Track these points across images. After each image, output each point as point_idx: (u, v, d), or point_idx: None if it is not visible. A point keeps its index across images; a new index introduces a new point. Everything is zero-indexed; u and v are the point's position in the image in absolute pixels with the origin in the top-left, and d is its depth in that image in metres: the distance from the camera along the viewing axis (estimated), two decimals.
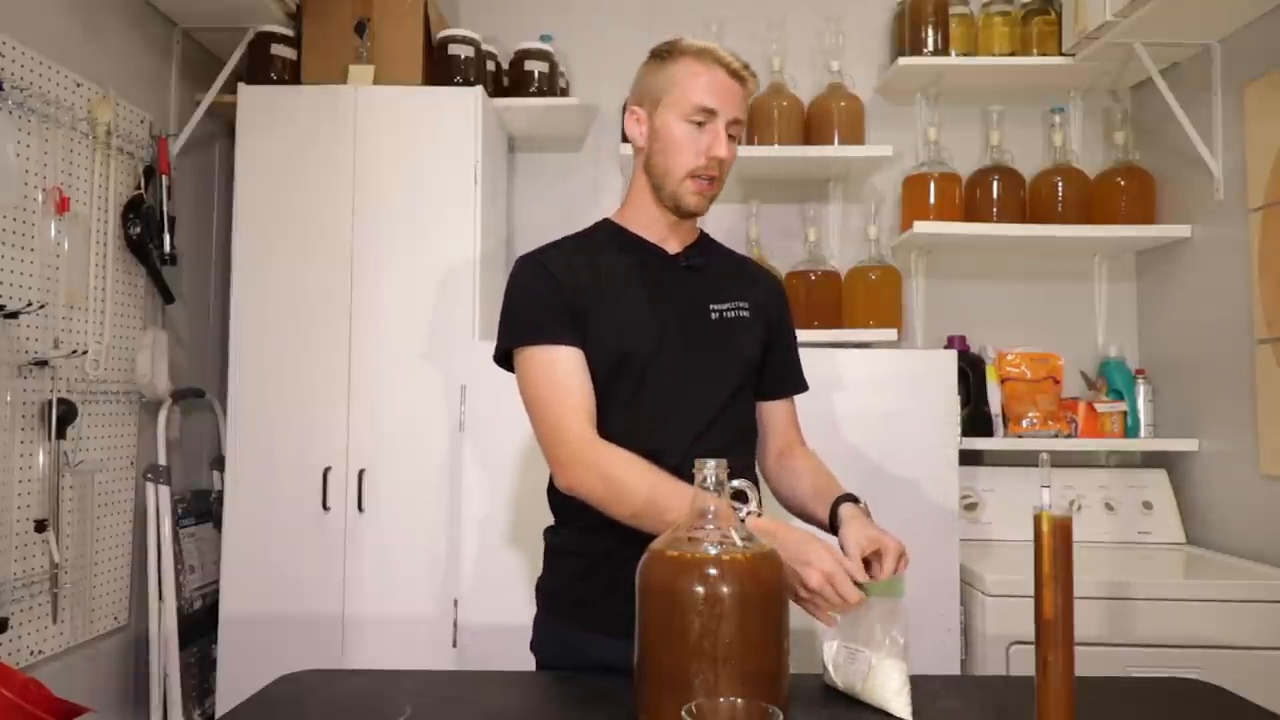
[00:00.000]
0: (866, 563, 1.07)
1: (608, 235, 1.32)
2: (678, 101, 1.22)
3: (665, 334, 1.25)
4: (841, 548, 1.10)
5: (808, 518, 1.26)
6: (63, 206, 1.88)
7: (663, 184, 1.26)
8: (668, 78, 1.24)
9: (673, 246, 1.32)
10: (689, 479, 0.99)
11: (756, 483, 1.28)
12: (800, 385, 1.41)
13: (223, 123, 2.51)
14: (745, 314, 1.30)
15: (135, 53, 2.20)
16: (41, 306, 1.82)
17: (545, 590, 1.33)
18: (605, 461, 1.14)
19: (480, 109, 2.23)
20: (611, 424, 1.23)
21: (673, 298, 1.28)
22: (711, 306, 1.29)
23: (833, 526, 1.18)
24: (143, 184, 2.15)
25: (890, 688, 0.99)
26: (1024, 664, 1.75)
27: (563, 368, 1.19)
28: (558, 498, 1.29)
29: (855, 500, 1.19)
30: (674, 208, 1.27)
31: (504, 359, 1.27)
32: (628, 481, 1.12)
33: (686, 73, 1.23)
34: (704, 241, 1.37)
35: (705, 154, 1.22)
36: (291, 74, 2.29)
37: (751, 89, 1.27)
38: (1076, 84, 2.52)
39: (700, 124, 1.22)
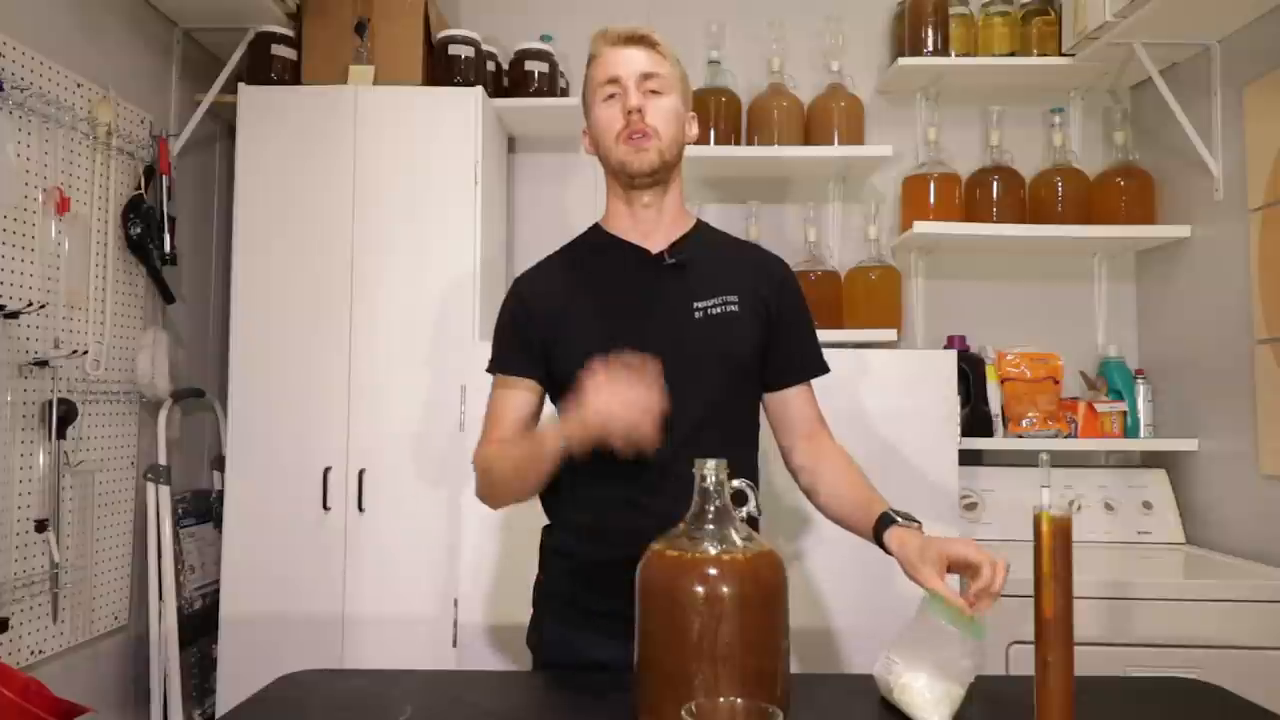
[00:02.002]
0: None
1: (592, 242, 1.35)
2: (592, 93, 1.30)
3: (645, 340, 1.24)
4: (910, 576, 1.07)
5: (852, 532, 1.23)
6: (63, 206, 1.88)
7: (608, 162, 1.29)
8: (587, 82, 1.33)
9: (657, 243, 1.30)
10: (677, 482, 0.99)
11: (756, 483, 1.28)
12: (812, 369, 1.35)
13: (223, 123, 2.51)
14: (734, 308, 1.28)
15: (135, 53, 2.20)
16: (42, 306, 1.82)
17: (541, 589, 1.34)
18: (479, 464, 1.26)
19: (480, 109, 2.23)
20: None
21: (654, 301, 1.27)
22: (695, 305, 1.27)
23: (880, 547, 1.14)
24: (143, 184, 2.15)
25: (927, 696, 0.98)
26: (1024, 664, 1.74)
27: (503, 393, 1.31)
28: (549, 499, 1.32)
29: (895, 520, 1.13)
30: (628, 179, 1.28)
31: None
32: (494, 467, 1.24)
33: (592, 66, 1.31)
34: (695, 233, 1.34)
35: (621, 115, 1.26)
36: (291, 74, 2.29)
37: (661, 44, 1.29)
38: (1076, 84, 2.52)
39: (612, 97, 1.27)
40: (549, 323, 1.28)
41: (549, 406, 1.32)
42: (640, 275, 1.29)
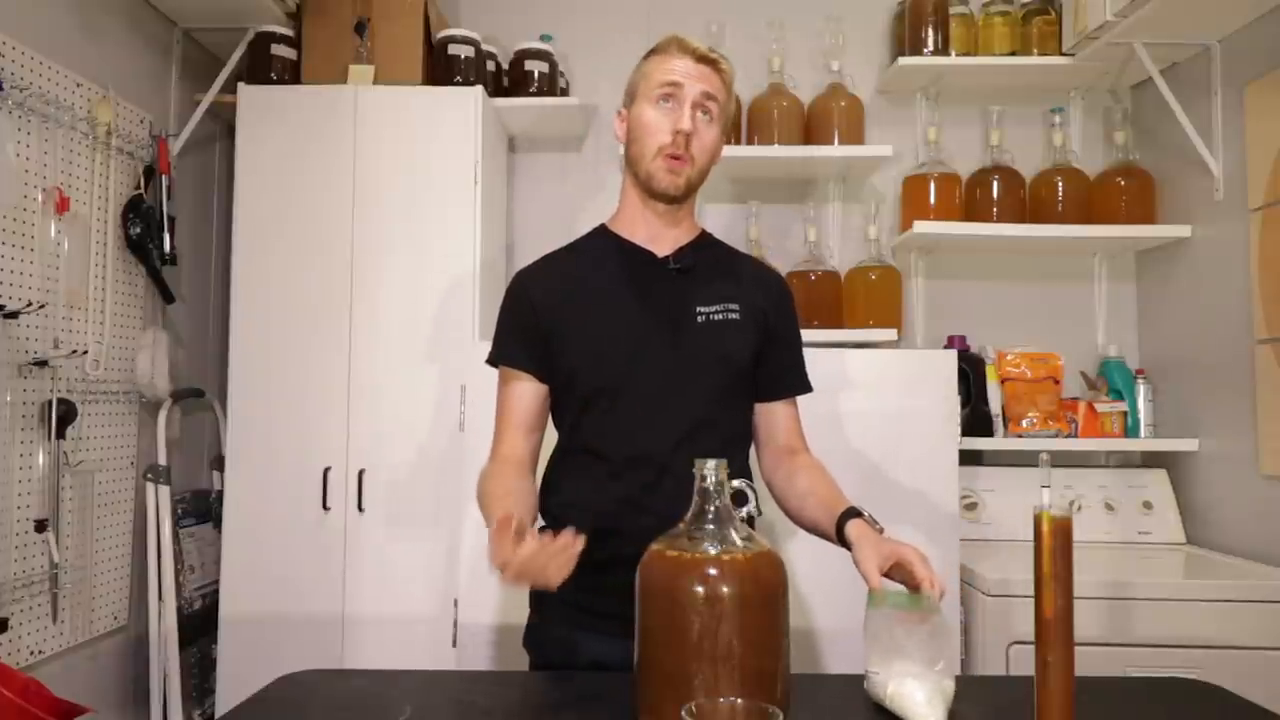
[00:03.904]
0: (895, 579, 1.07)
1: (597, 242, 1.36)
2: (647, 89, 1.28)
3: (646, 339, 1.26)
4: (856, 567, 1.09)
5: (817, 534, 1.24)
6: (63, 206, 1.88)
7: (638, 168, 1.29)
8: (642, 73, 1.30)
9: (663, 248, 1.32)
10: (674, 482, 0.99)
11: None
12: (799, 386, 1.38)
13: (223, 123, 2.51)
14: (735, 315, 1.29)
15: (135, 53, 2.20)
16: (41, 306, 1.82)
17: (537, 589, 1.33)
18: (485, 476, 1.25)
19: (480, 109, 2.23)
20: (597, 430, 1.26)
21: (657, 302, 1.28)
22: (698, 309, 1.28)
23: (842, 542, 1.16)
24: (143, 184, 2.15)
25: (918, 699, 0.98)
26: (1024, 664, 1.75)
27: (507, 388, 1.32)
28: (545, 499, 1.32)
29: (860, 514, 1.16)
30: (649, 190, 1.28)
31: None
32: (480, 499, 1.22)
33: (655, 62, 1.28)
34: (700, 241, 1.37)
35: (670, 131, 1.24)
36: (291, 74, 2.29)
37: (726, 73, 1.29)
38: (1076, 84, 2.52)
39: (667, 102, 1.25)
40: (550, 316, 1.28)
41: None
42: (644, 276, 1.30)
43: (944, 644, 1.01)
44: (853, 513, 1.16)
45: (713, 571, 0.91)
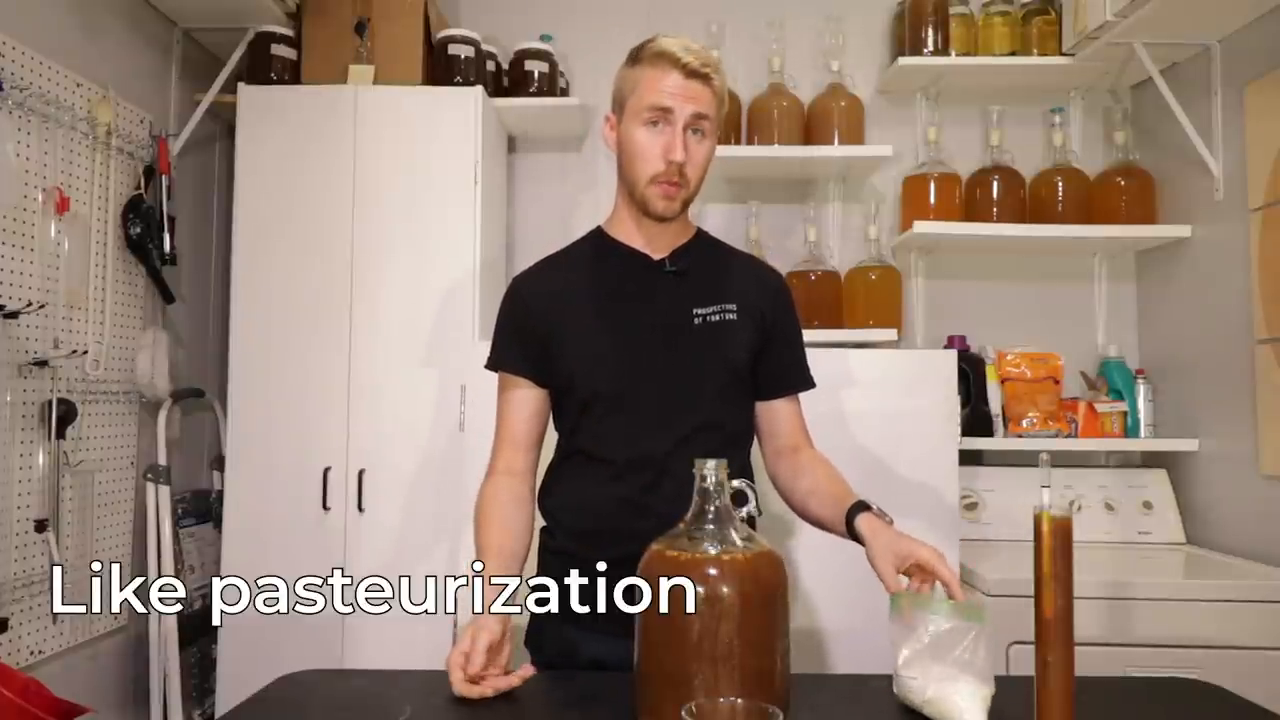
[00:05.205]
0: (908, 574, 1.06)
1: (593, 246, 1.35)
2: (637, 107, 1.24)
3: (644, 344, 1.26)
4: (871, 565, 1.09)
5: (826, 529, 1.24)
6: (63, 206, 1.88)
7: (633, 190, 1.27)
8: (631, 83, 1.26)
9: (659, 251, 1.32)
10: (674, 483, 1.00)
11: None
12: (801, 383, 1.37)
13: (223, 123, 2.51)
14: (732, 316, 1.29)
15: (135, 53, 2.20)
16: (41, 306, 1.82)
17: (538, 589, 1.34)
18: (483, 499, 1.27)
19: (480, 109, 2.23)
20: (595, 434, 1.26)
21: (653, 306, 1.28)
22: (695, 312, 1.28)
23: (853, 537, 1.16)
24: (143, 184, 2.15)
25: (960, 704, 0.97)
26: (1024, 664, 1.74)
27: (505, 396, 1.32)
28: (546, 501, 1.33)
29: (869, 507, 1.15)
30: (645, 212, 1.27)
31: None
32: (477, 523, 1.25)
33: (644, 77, 1.23)
34: (695, 242, 1.36)
35: (663, 158, 1.22)
36: (291, 74, 2.29)
37: (719, 85, 1.25)
38: (1076, 84, 2.52)
39: (657, 124, 1.22)
40: (547, 321, 1.28)
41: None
42: (641, 280, 1.30)
43: (985, 647, 1.00)
44: (861, 506, 1.16)
45: (713, 571, 0.91)
